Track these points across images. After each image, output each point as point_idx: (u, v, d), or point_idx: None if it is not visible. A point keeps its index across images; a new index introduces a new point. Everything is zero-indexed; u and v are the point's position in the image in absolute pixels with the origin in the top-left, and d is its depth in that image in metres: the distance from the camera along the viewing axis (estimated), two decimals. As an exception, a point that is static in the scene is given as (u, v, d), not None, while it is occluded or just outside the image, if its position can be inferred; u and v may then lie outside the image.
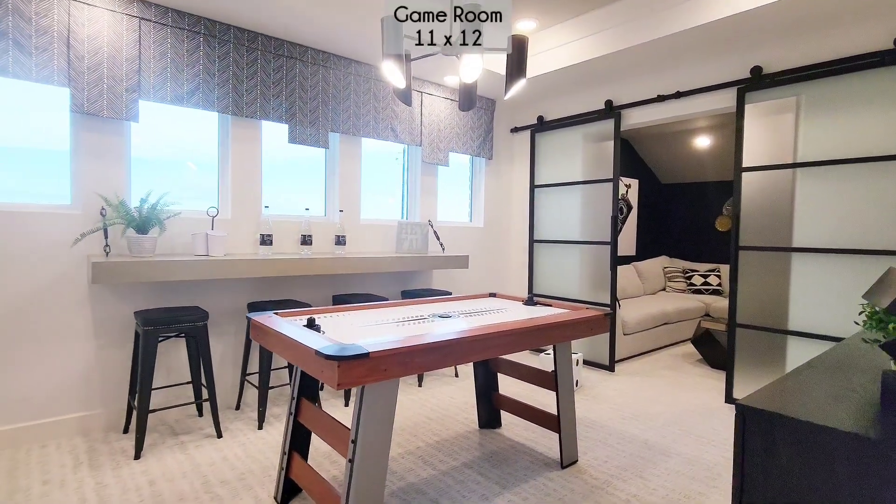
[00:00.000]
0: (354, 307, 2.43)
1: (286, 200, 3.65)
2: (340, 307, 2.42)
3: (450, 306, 2.61)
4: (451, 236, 4.50)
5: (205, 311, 2.71)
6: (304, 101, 3.43)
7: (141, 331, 2.50)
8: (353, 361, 1.45)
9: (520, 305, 2.70)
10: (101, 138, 2.74)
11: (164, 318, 2.55)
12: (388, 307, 2.50)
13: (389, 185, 4.30)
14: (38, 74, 2.48)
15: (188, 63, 2.93)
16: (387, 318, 2.22)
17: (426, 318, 2.24)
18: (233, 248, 3.23)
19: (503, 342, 1.91)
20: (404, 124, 4.00)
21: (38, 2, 2.47)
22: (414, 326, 2.04)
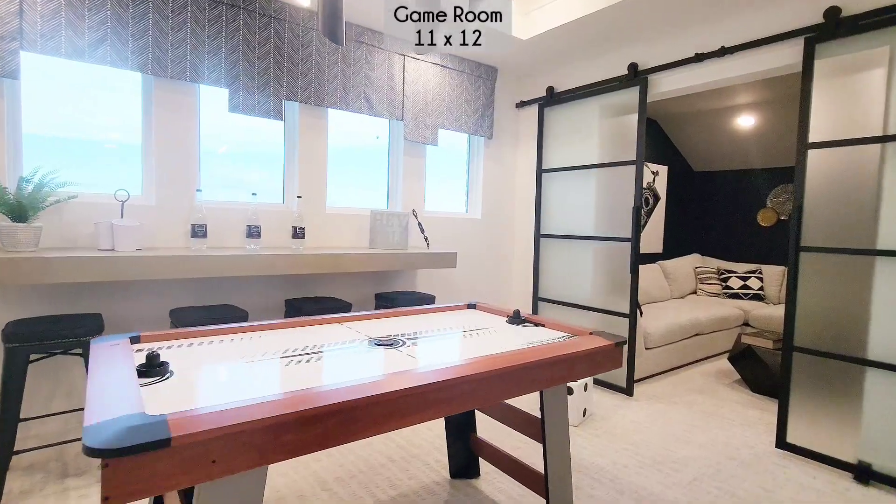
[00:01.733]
0: (258, 327, 1.77)
1: (243, 184, 3.03)
2: (244, 327, 1.77)
3: (404, 324, 1.95)
4: (441, 230, 3.83)
5: (98, 323, 2.12)
6: (251, 62, 2.79)
7: (2, 348, 1.92)
8: (136, 457, 0.80)
9: (502, 323, 2.01)
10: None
11: (39, 331, 1.96)
12: (314, 325, 1.84)
13: (373, 170, 3.65)
14: None
15: (91, 6, 2.32)
16: (299, 344, 1.57)
17: (355, 344, 1.59)
18: (157, 241, 2.64)
19: (454, 396, 1.24)
20: (381, 93, 3.33)
21: None
22: (314, 365, 1.38)
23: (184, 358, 1.38)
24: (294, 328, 1.79)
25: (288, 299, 2.92)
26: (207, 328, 1.66)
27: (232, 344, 1.56)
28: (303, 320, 1.84)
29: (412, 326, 1.90)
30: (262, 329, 1.74)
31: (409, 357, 1.45)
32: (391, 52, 3.34)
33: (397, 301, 3.10)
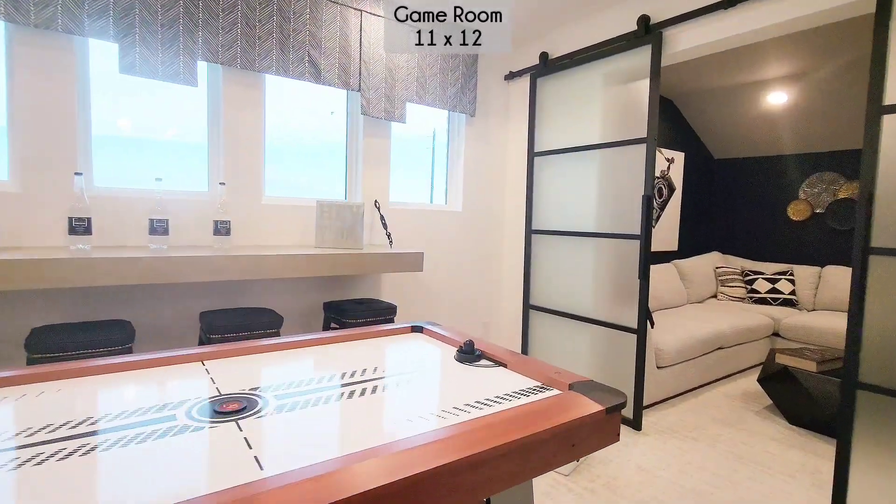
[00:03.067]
0: (48, 374, 1.15)
1: (153, 168, 2.45)
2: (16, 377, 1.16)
3: (298, 363, 1.34)
4: (412, 225, 3.21)
5: None
6: (153, 10, 2.18)
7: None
8: None
9: (448, 361, 1.40)
10: None
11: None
12: (150, 367, 1.23)
13: (332, 154, 3.05)
14: None
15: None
16: (75, 413, 0.97)
17: (178, 413, 0.98)
18: (24, 239, 2.06)
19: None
20: (331, 57, 2.71)
21: None
22: (52, 470, 0.78)
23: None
24: (113, 374, 1.18)
25: (203, 312, 2.33)
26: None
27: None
28: (136, 361, 1.23)
29: (305, 368, 1.29)
30: (53, 377, 1.13)
31: (246, 451, 0.83)
32: (344, 5, 2.72)
33: (347, 313, 2.50)
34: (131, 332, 1.98)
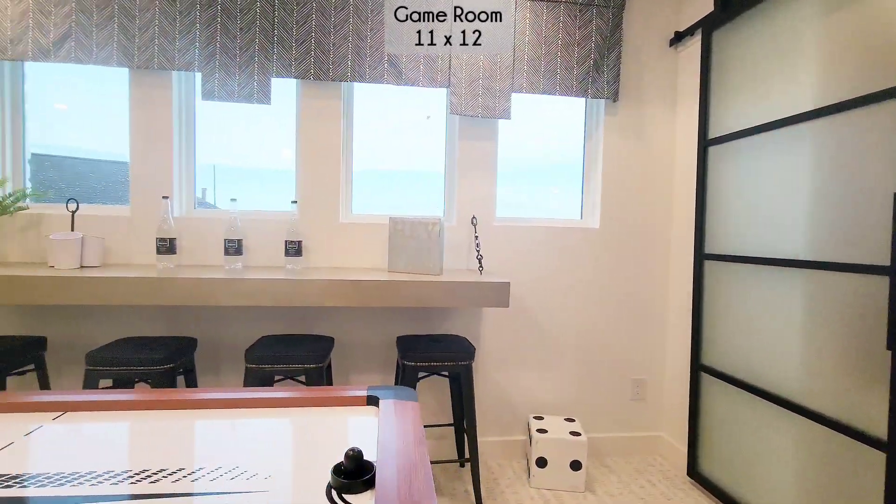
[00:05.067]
0: None
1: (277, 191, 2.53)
2: None
3: (163, 440, 0.96)
4: (529, 246, 2.55)
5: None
6: (231, 36, 2.23)
7: None
8: None
9: (320, 480, 0.81)
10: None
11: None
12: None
13: (433, 164, 2.69)
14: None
15: (57, 2, 2.12)
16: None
17: None
18: (130, 258, 2.30)
19: None
20: (415, 56, 2.34)
21: None
22: None
23: None
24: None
25: (267, 336, 2.21)
26: None
27: None
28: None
29: (154, 453, 0.90)
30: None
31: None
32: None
33: (415, 352, 2.05)
34: (186, 351, 1.97)
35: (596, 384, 2.66)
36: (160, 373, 1.89)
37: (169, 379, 1.92)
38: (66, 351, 2.21)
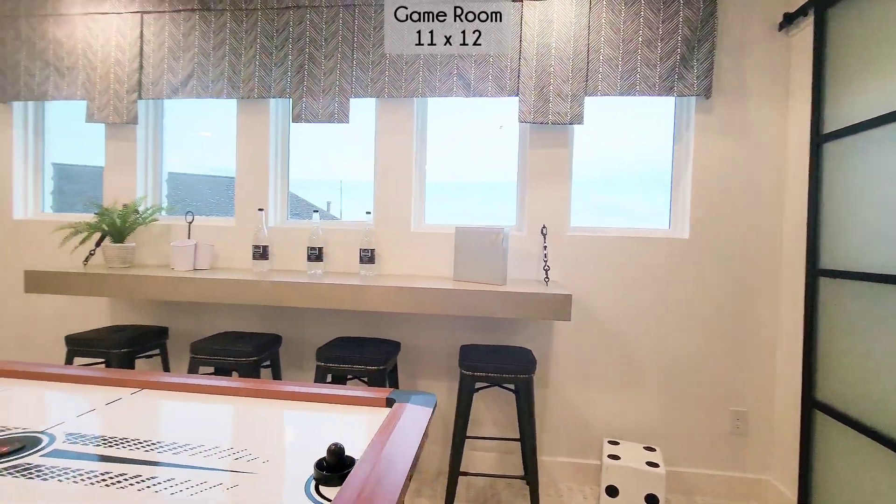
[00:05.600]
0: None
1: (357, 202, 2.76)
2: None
3: (187, 415, 1.09)
4: (607, 256, 2.40)
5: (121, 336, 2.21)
6: (317, 63, 2.46)
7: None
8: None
9: (301, 473, 0.85)
10: (119, 145, 2.70)
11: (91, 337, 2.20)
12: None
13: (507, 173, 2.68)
14: (67, 92, 2.63)
15: (184, 47, 2.55)
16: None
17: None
18: (233, 262, 2.63)
19: None
20: (484, 64, 2.36)
21: (62, 25, 2.63)
22: None
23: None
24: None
25: (341, 337, 2.37)
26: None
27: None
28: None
29: (175, 427, 1.04)
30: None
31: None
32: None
33: (474, 362, 2.04)
34: (272, 346, 2.20)
35: (685, 413, 2.38)
36: (246, 364, 2.13)
37: (254, 370, 2.16)
38: (182, 340, 2.60)
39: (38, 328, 2.77)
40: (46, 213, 2.90)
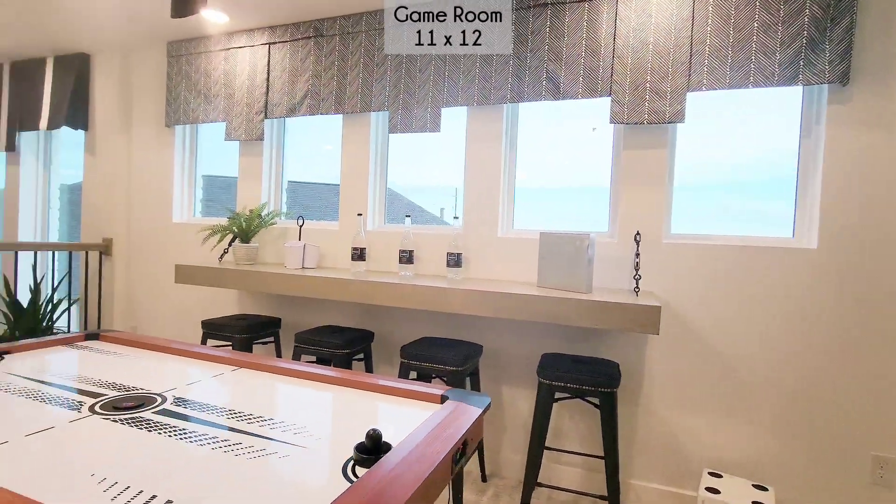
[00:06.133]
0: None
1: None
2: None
3: (231, 388, 1.24)
4: (715, 265, 2.19)
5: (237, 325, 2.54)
6: (412, 76, 2.61)
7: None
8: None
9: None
10: (251, 159, 3.13)
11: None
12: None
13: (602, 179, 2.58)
14: (212, 116, 3.12)
15: (301, 71, 2.88)
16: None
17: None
18: (336, 262, 2.88)
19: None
20: (575, 66, 2.30)
21: (210, 60, 3.13)
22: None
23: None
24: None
25: (426, 337, 2.46)
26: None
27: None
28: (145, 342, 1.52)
29: (242, 394, 1.19)
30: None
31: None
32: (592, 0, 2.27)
33: (555, 371, 2.00)
34: (364, 341, 2.38)
35: (810, 452, 2.05)
36: (340, 355, 2.33)
37: (346, 361, 2.35)
38: (292, 330, 2.91)
39: (185, 312, 3.32)
40: (196, 218, 3.46)
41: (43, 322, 3.33)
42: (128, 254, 3.55)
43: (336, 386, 1.31)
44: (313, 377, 1.36)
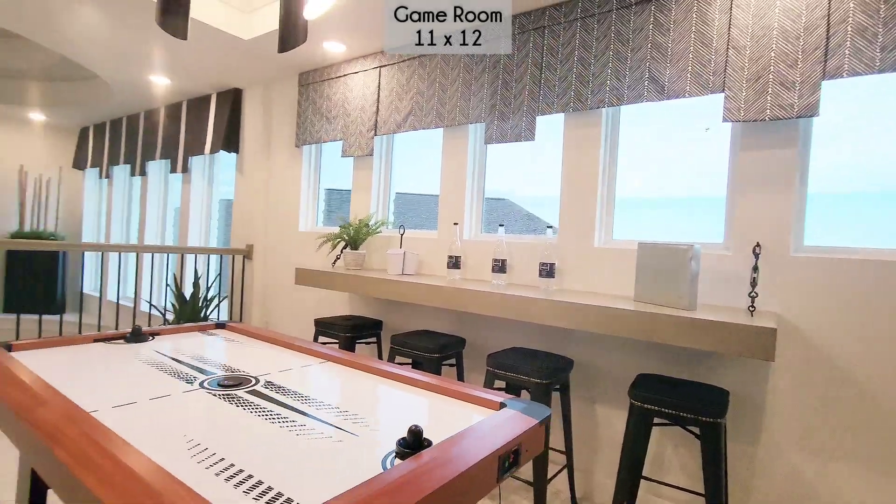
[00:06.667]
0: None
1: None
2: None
3: (318, 380, 1.34)
4: (864, 285, 1.84)
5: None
6: (508, 86, 2.63)
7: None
8: None
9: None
10: (364, 174, 3.40)
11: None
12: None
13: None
14: (332, 135, 3.48)
15: (406, 89, 3.07)
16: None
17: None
18: (434, 270, 2.99)
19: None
20: (682, 62, 2.12)
21: (332, 86, 3.49)
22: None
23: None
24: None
25: (515, 347, 2.43)
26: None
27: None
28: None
29: (326, 386, 1.30)
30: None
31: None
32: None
33: (648, 388, 1.85)
34: (456, 347, 2.45)
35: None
36: (430, 359, 2.41)
37: (436, 365, 2.42)
38: (391, 332, 3.08)
39: (305, 311, 3.71)
40: (318, 227, 3.86)
41: (201, 312, 3.98)
42: (264, 258, 4.10)
43: (401, 384, 1.38)
44: (384, 374, 1.44)
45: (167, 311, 4.17)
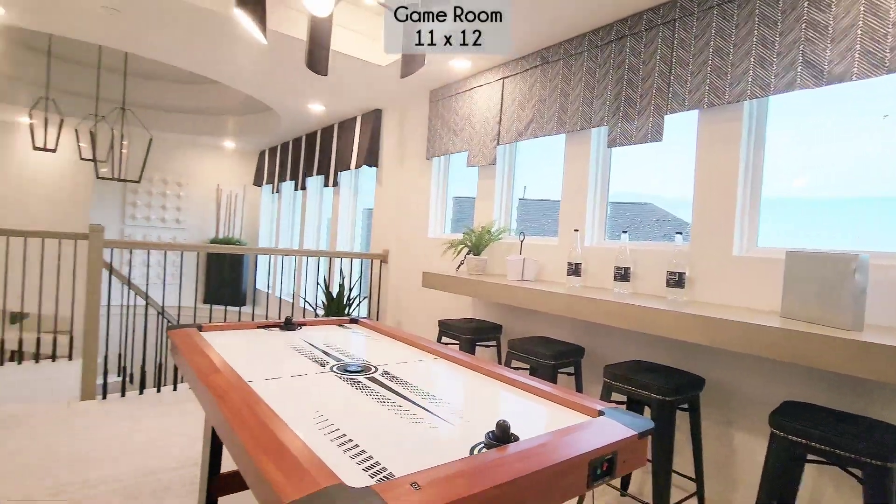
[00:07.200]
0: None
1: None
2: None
3: (431, 376, 1.44)
4: None
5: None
6: (633, 87, 2.51)
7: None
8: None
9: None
10: (486, 182, 3.52)
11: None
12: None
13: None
14: (459, 146, 3.67)
15: (528, 98, 3.11)
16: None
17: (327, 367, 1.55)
18: (554, 277, 2.96)
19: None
20: (845, 40, 1.81)
21: (458, 100, 3.67)
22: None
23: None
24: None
25: (637, 360, 2.29)
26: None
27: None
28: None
29: (443, 381, 1.41)
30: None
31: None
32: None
33: (799, 418, 1.62)
34: (574, 354, 2.42)
35: None
36: (547, 366, 2.40)
37: (551, 373, 2.40)
38: (510, 336, 3.12)
39: (432, 312, 3.95)
40: (446, 233, 4.09)
41: (345, 310, 4.50)
42: (398, 262, 4.47)
43: (503, 384, 1.42)
44: (488, 373, 1.50)
45: (317, 308, 4.79)
